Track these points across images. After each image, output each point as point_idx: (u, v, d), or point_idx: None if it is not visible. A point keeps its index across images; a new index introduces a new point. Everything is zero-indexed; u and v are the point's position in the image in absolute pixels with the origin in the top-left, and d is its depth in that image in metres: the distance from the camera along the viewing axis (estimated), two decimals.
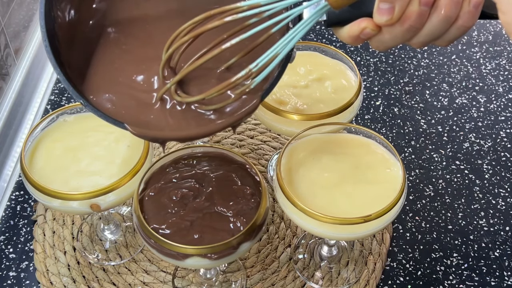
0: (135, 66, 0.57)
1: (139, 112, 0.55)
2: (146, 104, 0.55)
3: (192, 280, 0.78)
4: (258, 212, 0.62)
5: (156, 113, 0.55)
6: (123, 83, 0.56)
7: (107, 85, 0.56)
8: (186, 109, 0.55)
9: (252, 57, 0.50)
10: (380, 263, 0.80)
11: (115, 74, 0.56)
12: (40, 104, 1.02)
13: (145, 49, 0.57)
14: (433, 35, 0.46)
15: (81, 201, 0.67)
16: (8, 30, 0.96)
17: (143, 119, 0.55)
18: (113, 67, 0.57)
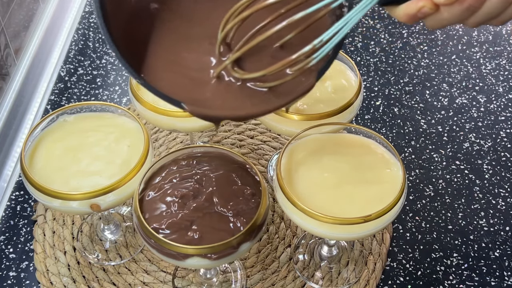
0: (184, 44, 0.56)
1: (194, 91, 0.54)
2: (200, 82, 0.54)
3: (192, 280, 0.78)
4: (258, 212, 0.62)
5: (212, 92, 0.54)
6: (175, 61, 0.55)
7: (158, 64, 0.55)
8: (241, 87, 0.54)
9: (303, 36, 0.49)
10: (380, 263, 0.80)
11: (165, 53, 0.56)
12: (40, 104, 1.02)
13: (190, 26, 0.57)
14: (491, 14, 0.46)
15: (81, 201, 0.67)
16: (8, 30, 0.96)
17: (199, 97, 0.54)
18: (161, 45, 0.56)
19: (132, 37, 0.55)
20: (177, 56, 0.56)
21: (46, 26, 1.10)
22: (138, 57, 0.55)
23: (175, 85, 0.54)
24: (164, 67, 0.55)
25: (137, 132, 0.74)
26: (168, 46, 0.56)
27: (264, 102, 0.53)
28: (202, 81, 0.55)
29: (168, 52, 0.56)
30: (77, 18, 1.18)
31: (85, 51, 1.11)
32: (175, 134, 0.96)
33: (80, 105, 0.76)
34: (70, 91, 1.03)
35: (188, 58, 0.56)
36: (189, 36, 0.57)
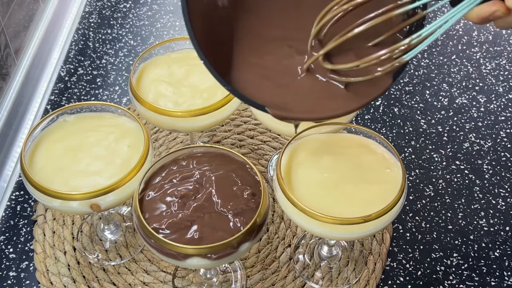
0: (265, 46, 0.58)
1: (277, 94, 0.56)
2: (283, 85, 0.56)
3: (192, 280, 0.78)
4: (258, 212, 0.62)
5: (295, 94, 0.56)
6: (257, 64, 0.57)
7: (242, 68, 0.57)
8: (325, 87, 0.56)
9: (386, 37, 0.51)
10: (380, 263, 0.80)
11: (247, 56, 0.57)
12: (40, 104, 1.02)
13: (269, 28, 0.58)
14: None
15: (81, 201, 0.67)
16: (8, 30, 0.96)
17: (282, 101, 0.56)
18: (243, 48, 0.57)
19: (214, 43, 0.57)
20: (259, 59, 0.57)
21: (46, 26, 1.10)
22: (221, 62, 0.56)
23: (258, 89, 0.56)
24: (247, 71, 0.57)
25: (137, 132, 0.74)
26: (250, 49, 0.58)
27: (345, 103, 0.55)
28: (284, 84, 0.57)
29: (250, 55, 0.57)
30: (77, 18, 1.18)
31: (85, 51, 1.11)
32: (175, 134, 0.96)
33: (80, 105, 0.76)
34: (70, 91, 1.03)
35: (269, 61, 0.57)
36: (269, 38, 0.58)
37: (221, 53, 0.57)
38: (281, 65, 0.57)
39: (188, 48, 0.85)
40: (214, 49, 0.56)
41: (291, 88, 0.57)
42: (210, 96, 0.79)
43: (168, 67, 0.82)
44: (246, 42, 0.58)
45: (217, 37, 0.57)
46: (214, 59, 0.55)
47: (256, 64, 0.57)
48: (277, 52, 0.58)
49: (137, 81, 0.80)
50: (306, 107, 0.56)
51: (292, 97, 0.56)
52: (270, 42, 0.58)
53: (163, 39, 1.13)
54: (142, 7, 1.21)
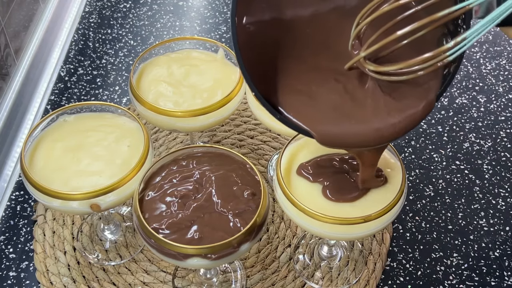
0: (312, 75, 0.58)
1: (326, 122, 0.56)
2: (331, 115, 0.57)
3: (192, 280, 0.78)
4: (258, 212, 0.62)
5: (342, 119, 0.56)
6: (305, 93, 0.57)
7: (290, 97, 0.57)
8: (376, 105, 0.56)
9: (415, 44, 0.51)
10: (380, 263, 0.80)
11: (295, 84, 0.58)
12: (40, 104, 1.02)
13: (315, 56, 0.58)
14: None
15: (81, 201, 0.67)
16: (8, 30, 0.96)
17: (333, 128, 0.57)
18: (291, 77, 0.58)
19: (262, 72, 0.57)
20: (305, 86, 0.58)
21: (46, 26, 1.10)
22: (268, 90, 0.57)
23: (305, 115, 0.57)
24: (296, 99, 0.57)
25: (137, 132, 0.74)
26: (297, 77, 0.58)
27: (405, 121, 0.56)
28: (333, 114, 0.57)
29: (298, 84, 0.58)
30: (77, 18, 1.18)
31: (85, 51, 1.11)
32: (175, 134, 0.96)
33: (80, 105, 0.76)
34: (70, 91, 1.03)
35: (316, 90, 0.57)
36: (315, 67, 0.58)
37: (268, 81, 0.58)
38: (330, 97, 0.58)
39: (188, 48, 0.85)
40: (261, 78, 0.57)
41: (337, 114, 0.57)
42: (210, 96, 0.79)
43: (168, 67, 0.82)
44: (294, 71, 0.58)
45: (264, 66, 0.58)
46: (262, 87, 0.56)
47: (302, 91, 0.58)
48: (325, 82, 0.58)
49: (137, 81, 0.80)
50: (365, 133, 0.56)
51: (339, 121, 0.57)
52: (317, 71, 0.58)
53: (163, 39, 1.13)
54: (142, 7, 1.21)
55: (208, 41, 0.85)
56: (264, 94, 0.56)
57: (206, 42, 0.85)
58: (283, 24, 0.58)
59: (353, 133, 0.56)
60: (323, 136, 0.56)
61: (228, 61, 0.84)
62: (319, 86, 0.58)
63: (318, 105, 0.57)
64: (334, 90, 0.58)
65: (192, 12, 1.20)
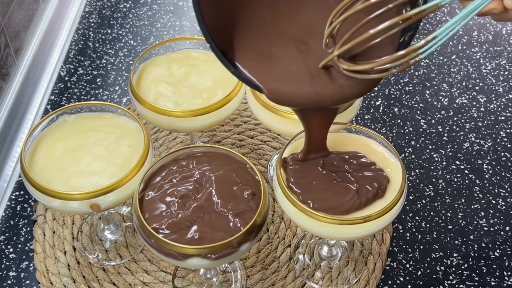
0: (275, 39, 0.60)
1: (276, 77, 0.59)
2: (293, 76, 0.59)
3: (192, 280, 0.78)
4: (258, 212, 0.62)
5: (292, 79, 0.59)
6: (262, 52, 0.59)
7: (249, 54, 0.59)
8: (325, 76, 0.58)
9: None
10: (380, 263, 0.80)
11: (256, 45, 0.60)
12: (40, 104, 1.02)
13: (280, 23, 0.60)
14: None
15: (81, 201, 0.67)
16: (8, 30, 0.96)
17: (278, 83, 0.59)
18: (252, 37, 0.60)
19: (222, 25, 0.58)
20: (265, 46, 0.60)
21: (46, 26, 1.10)
22: (227, 45, 0.59)
23: (259, 72, 0.59)
24: (252, 57, 0.59)
25: (137, 132, 0.74)
26: (259, 39, 0.60)
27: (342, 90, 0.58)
28: (299, 75, 0.59)
29: (259, 45, 0.60)
30: (77, 18, 1.18)
31: (85, 51, 1.11)
32: (175, 134, 0.96)
33: (80, 105, 0.76)
34: (70, 91, 1.03)
35: (276, 54, 0.60)
36: (279, 32, 0.60)
37: (227, 35, 0.59)
38: (287, 60, 0.59)
39: (188, 48, 0.85)
40: (220, 32, 0.58)
41: (290, 72, 0.59)
42: (210, 96, 0.79)
43: (168, 67, 0.82)
44: (257, 32, 0.60)
45: (223, 21, 0.59)
46: (219, 41, 0.57)
47: (262, 52, 0.60)
48: (285, 50, 0.60)
49: (137, 81, 0.80)
50: (303, 90, 0.59)
51: (289, 78, 0.59)
52: (278, 37, 0.60)
53: (163, 39, 1.13)
54: (142, 7, 1.21)
55: None
56: (221, 47, 0.58)
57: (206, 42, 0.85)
58: None
59: (299, 92, 0.58)
60: (272, 91, 0.59)
61: None
62: (277, 49, 0.60)
63: (273, 65, 0.59)
64: (291, 55, 0.59)
65: (192, 12, 1.19)
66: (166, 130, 0.96)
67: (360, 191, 0.64)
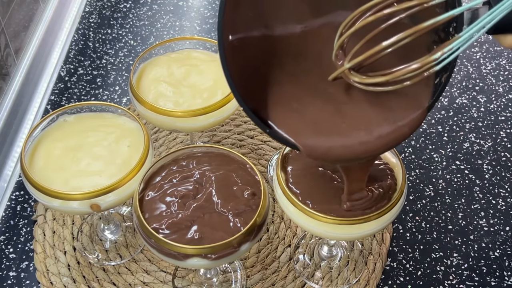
0: (302, 90, 0.57)
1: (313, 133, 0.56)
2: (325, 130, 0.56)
3: (192, 280, 0.78)
4: (258, 212, 0.62)
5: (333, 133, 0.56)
6: (293, 106, 0.57)
7: (281, 111, 0.56)
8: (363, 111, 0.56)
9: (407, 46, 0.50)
10: (380, 263, 0.80)
11: (288, 101, 0.57)
12: (40, 104, 1.02)
13: (307, 73, 0.58)
14: None
15: (81, 201, 0.67)
16: (8, 30, 0.96)
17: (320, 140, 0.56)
18: (283, 94, 0.57)
19: (251, 86, 0.56)
20: (295, 102, 0.57)
21: (46, 26, 1.10)
22: (258, 105, 0.56)
23: (296, 131, 0.56)
24: (284, 113, 0.56)
25: (137, 132, 0.74)
26: (286, 92, 0.57)
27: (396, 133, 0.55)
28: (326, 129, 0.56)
29: (287, 98, 0.57)
30: (77, 18, 1.18)
31: (85, 51, 1.11)
32: (175, 134, 0.96)
33: (80, 105, 0.76)
34: (70, 91, 1.03)
35: (306, 106, 0.57)
36: (305, 82, 0.58)
37: (257, 95, 0.57)
38: (316, 112, 0.57)
39: (188, 48, 0.85)
40: (250, 93, 0.56)
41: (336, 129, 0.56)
42: (210, 96, 0.79)
43: (168, 67, 0.82)
44: (287, 88, 0.58)
45: (253, 81, 0.57)
46: (251, 102, 0.55)
47: (291, 105, 0.57)
48: (313, 99, 0.57)
49: (137, 81, 0.80)
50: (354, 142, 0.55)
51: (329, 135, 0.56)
52: (306, 86, 0.58)
53: (163, 39, 1.13)
54: (142, 7, 1.21)
55: (208, 41, 0.85)
56: (253, 108, 0.55)
57: (206, 42, 0.85)
58: (272, 39, 0.57)
59: (338, 146, 0.55)
60: (309, 149, 0.55)
61: None
62: (308, 101, 0.57)
63: (306, 119, 0.56)
64: (323, 105, 0.57)
65: (192, 12, 1.20)
66: (166, 130, 0.96)
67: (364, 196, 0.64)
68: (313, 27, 0.58)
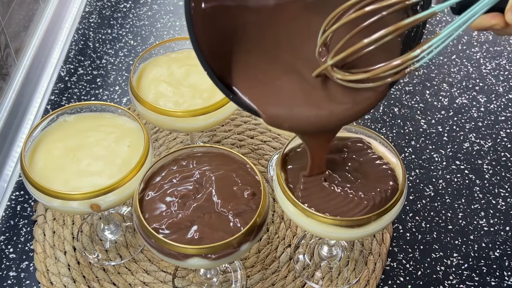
0: (274, 64, 0.59)
1: (275, 102, 0.58)
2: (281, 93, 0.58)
3: (192, 280, 0.78)
4: (258, 212, 0.62)
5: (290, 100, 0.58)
6: (259, 76, 0.59)
7: (253, 81, 0.58)
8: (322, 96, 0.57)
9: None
10: (380, 263, 0.80)
11: (253, 71, 0.59)
12: (40, 104, 1.02)
13: (278, 50, 0.59)
14: None
15: (81, 201, 0.67)
16: (8, 30, 0.96)
17: (277, 108, 0.58)
18: (251, 62, 0.59)
19: (218, 51, 0.58)
20: (262, 72, 0.59)
21: (46, 26, 1.10)
22: (224, 71, 0.58)
23: (256, 96, 0.58)
24: (250, 82, 0.58)
25: (137, 132, 0.74)
26: (254, 62, 0.59)
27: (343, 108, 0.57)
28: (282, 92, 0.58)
29: (257, 70, 0.59)
30: (77, 18, 1.18)
31: (85, 51, 1.11)
32: (175, 134, 0.96)
33: (80, 105, 0.76)
34: (70, 91, 1.03)
35: (272, 77, 0.59)
36: (274, 54, 0.59)
37: (223, 61, 0.58)
38: (281, 83, 0.59)
39: (188, 48, 0.85)
40: (217, 58, 0.57)
41: (289, 95, 0.58)
42: (210, 96, 0.79)
43: (168, 67, 0.82)
44: (254, 57, 0.59)
45: (220, 47, 0.58)
46: (216, 67, 0.57)
47: (260, 77, 0.59)
48: (279, 71, 0.59)
49: (137, 81, 0.80)
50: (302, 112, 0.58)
51: (289, 102, 0.58)
52: (275, 59, 0.59)
53: (163, 39, 1.13)
54: (142, 7, 1.21)
55: None
56: (218, 73, 0.57)
57: None
58: (245, 9, 0.58)
59: (296, 116, 0.58)
60: (269, 116, 0.58)
61: None
62: (273, 73, 0.59)
63: (269, 89, 0.59)
64: (287, 78, 0.59)
65: None
66: (166, 130, 0.96)
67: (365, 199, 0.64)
68: (286, 1, 0.59)
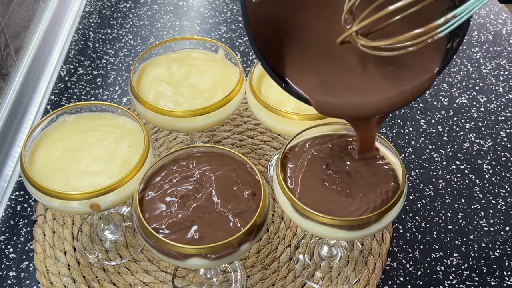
0: (318, 51, 0.61)
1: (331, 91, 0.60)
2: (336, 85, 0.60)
3: (192, 280, 0.78)
4: (258, 212, 0.62)
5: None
6: (310, 65, 0.61)
7: (305, 71, 0.60)
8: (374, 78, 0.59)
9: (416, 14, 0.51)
10: (380, 263, 0.80)
11: (310, 60, 0.61)
12: (40, 104, 1.02)
13: (329, 43, 0.61)
14: None
15: (81, 201, 0.67)
16: (8, 30, 0.96)
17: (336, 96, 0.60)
18: (304, 52, 0.61)
19: (272, 43, 0.60)
20: (312, 61, 0.61)
21: (46, 26, 1.10)
22: (276, 61, 0.60)
23: (307, 87, 0.60)
24: (300, 71, 0.61)
25: (137, 132, 0.74)
26: (303, 52, 0.61)
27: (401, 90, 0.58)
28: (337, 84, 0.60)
29: (304, 57, 0.61)
30: (77, 18, 1.18)
31: (85, 51, 1.11)
32: (175, 134, 0.96)
33: (80, 105, 0.76)
34: (70, 91, 1.03)
35: (321, 65, 0.61)
36: (321, 43, 0.61)
37: (276, 53, 0.60)
38: (330, 71, 0.61)
39: (188, 48, 0.85)
40: (269, 51, 0.59)
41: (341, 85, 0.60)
42: (210, 96, 0.79)
43: (168, 67, 0.82)
44: (300, 45, 0.61)
45: (272, 40, 0.60)
46: (270, 58, 0.59)
47: (307, 64, 0.61)
48: (328, 59, 0.61)
49: (137, 81, 0.80)
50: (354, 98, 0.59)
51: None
52: (322, 46, 0.61)
53: (163, 39, 1.13)
54: (142, 7, 1.21)
55: (208, 41, 0.85)
56: (271, 63, 0.59)
57: (206, 42, 0.85)
58: (293, 3, 0.60)
59: (345, 104, 0.59)
60: (319, 104, 0.60)
61: (228, 61, 0.84)
62: (324, 63, 0.61)
63: (319, 78, 0.60)
64: (336, 68, 0.60)
65: (192, 12, 1.20)
66: (166, 130, 0.96)
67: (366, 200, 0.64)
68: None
